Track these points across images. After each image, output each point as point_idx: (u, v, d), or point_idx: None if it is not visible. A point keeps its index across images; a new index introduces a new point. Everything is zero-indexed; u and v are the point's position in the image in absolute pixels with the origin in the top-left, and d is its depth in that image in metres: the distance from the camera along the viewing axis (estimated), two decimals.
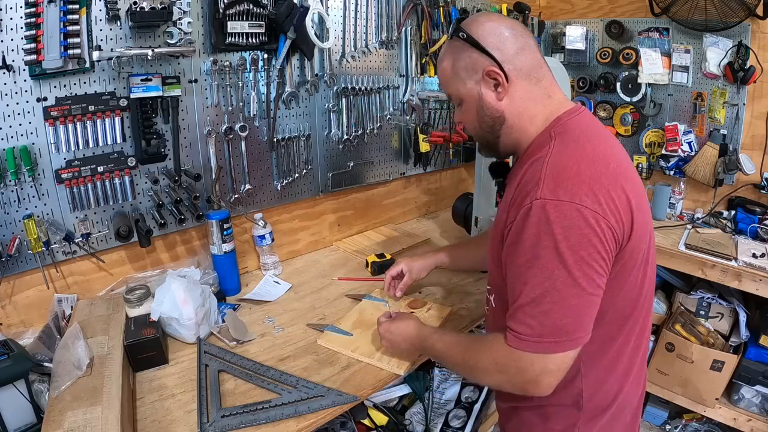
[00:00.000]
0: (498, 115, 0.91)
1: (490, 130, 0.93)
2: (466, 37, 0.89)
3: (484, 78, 0.89)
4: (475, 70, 0.90)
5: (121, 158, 1.30)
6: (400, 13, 1.88)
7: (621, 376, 0.92)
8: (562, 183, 0.77)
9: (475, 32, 0.89)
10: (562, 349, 0.77)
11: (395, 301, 1.43)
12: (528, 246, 0.77)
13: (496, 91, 0.89)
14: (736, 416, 1.92)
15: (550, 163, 0.80)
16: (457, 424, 1.73)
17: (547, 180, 0.78)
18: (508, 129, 0.92)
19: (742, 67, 1.99)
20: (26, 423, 0.96)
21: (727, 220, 2.07)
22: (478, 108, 0.92)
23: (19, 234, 1.18)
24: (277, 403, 1.02)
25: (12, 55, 1.10)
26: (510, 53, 0.87)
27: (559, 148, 0.83)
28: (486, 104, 0.90)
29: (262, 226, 1.61)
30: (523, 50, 0.88)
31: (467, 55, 0.90)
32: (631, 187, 0.81)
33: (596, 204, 0.75)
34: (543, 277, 0.76)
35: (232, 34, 1.41)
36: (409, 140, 2.10)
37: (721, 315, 2.01)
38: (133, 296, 1.22)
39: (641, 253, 0.84)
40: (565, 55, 2.51)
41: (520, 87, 0.89)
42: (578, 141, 0.84)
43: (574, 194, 0.75)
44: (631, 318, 0.89)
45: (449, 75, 0.94)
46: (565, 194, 0.75)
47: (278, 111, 1.61)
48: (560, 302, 0.76)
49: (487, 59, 0.88)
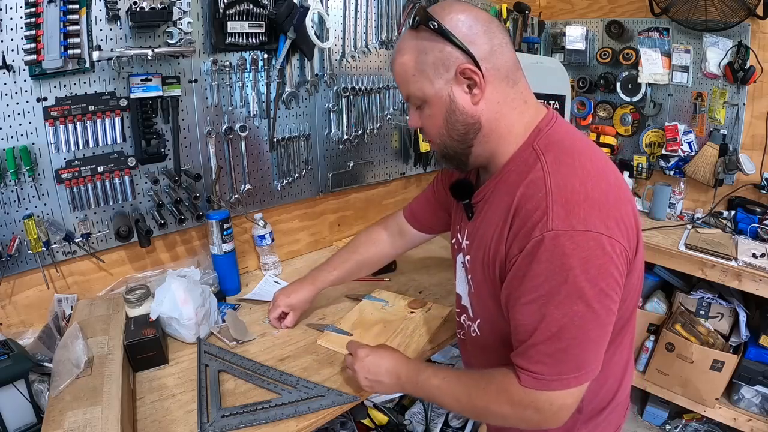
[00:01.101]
0: (473, 122, 0.79)
1: (461, 139, 0.81)
2: (437, 27, 0.75)
3: (457, 77, 0.77)
4: (446, 68, 0.77)
5: (121, 158, 1.30)
6: (400, 13, 1.88)
7: (619, 375, 0.92)
8: (573, 210, 0.69)
9: (448, 22, 0.76)
10: (580, 382, 0.74)
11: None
12: (542, 281, 0.70)
13: (471, 93, 0.78)
14: (736, 416, 1.92)
15: (554, 187, 0.71)
16: (457, 424, 1.74)
17: (556, 207, 0.70)
18: (482, 139, 0.81)
19: (742, 67, 1.99)
20: (26, 423, 0.96)
21: (727, 220, 2.07)
22: (447, 112, 0.79)
23: (19, 234, 1.18)
24: (277, 403, 1.02)
25: (12, 55, 1.10)
26: (487, 50, 0.76)
27: (556, 166, 0.74)
28: (458, 108, 0.78)
29: (262, 226, 1.61)
30: (501, 47, 0.77)
31: (437, 48, 0.76)
32: (629, 194, 0.78)
33: (609, 228, 0.70)
34: (561, 313, 0.70)
35: (232, 34, 1.41)
36: (409, 140, 2.10)
37: (721, 315, 2.01)
38: (133, 296, 1.22)
39: (641, 257, 0.81)
40: (565, 55, 2.51)
41: (498, 90, 0.78)
42: (572, 156, 0.76)
43: (588, 222, 0.69)
44: (630, 321, 0.88)
45: (411, 72, 0.80)
46: (579, 223, 0.68)
47: (278, 111, 1.61)
48: (580, 337, 0.71)
49: (462, 55, 0.75)
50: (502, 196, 0.79)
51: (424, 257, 1.81)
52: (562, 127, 0.81)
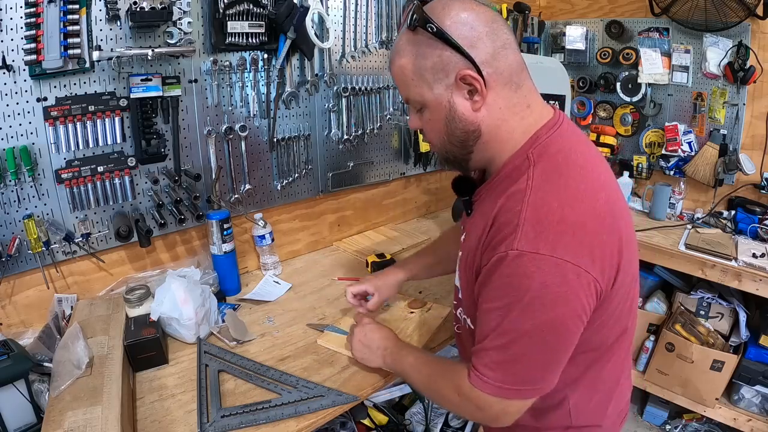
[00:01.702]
0: (473, 129, 0.77)
1: (461, 145, 0.79)
2: (435, 30, 0.71)
3: (457, 83, 0.73)
4: (445, 73, 0.73)
5: (121, 158, 1.30)
6: (400, 13, 1.88)
7: (608, 390, 0.90)
8: (542, 232, 0.67)
9: (447, 24, 0.71)
10: (522, 396, 0.76)
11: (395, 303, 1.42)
12: (500, 295, 0.71)
13: (472, 100, 0.74)
14: (736, 416, 1.92)
15: (531, 204, 0.70)
16: (457, 424, 1.74)
17: (526, 226, 0.68)
18: (482, 145, 0.78)
19: (742, 67, 1.99)
20: (26, 423, 0.96)
21: (727, 220, 2.07)
22: (447, 119, 0.77)
23: (19, 234, 1.18)
24: (277, 403, 1.02)
25: (12, 55, 1.10)
26: (489, 53, 0.72)
27: (540, 182, 0.72)
28: (458, 115, 0.76)
29: (262, 226, 1.61)
30: (504, 49, 0.73)
31: (436, 53, 0.73)
32: (620, 221, 0.75)
33: (580, 257, 0.67)
34: (512, 328, 0.71)
35: (232, 34, 1.41)
36: (409, 140, 2.10)
37: (721, 315, 2.01)
38: (133, 296, 1.22)
39: (627, 283, 0.78)
40: (565, 55, 2.51)
41: (500, 95, 0.75)
42: (561, 172, 0.73)
43: (556, 247, 0.66)
44: (618, 341, 0.84)
45: (409, 76, 0.77)
46: (545, 246, 0.66)
47: (278, 111, 1.61)
48: (527, 356, 0.72)
49: (463, 60, 0.72)
50: (490, 201, 0.79)
51: None
52: (564, 135, 0.78)
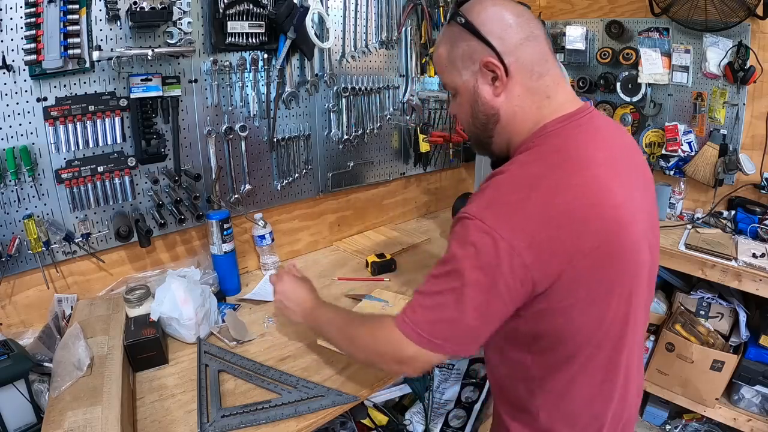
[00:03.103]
0: (493, 113, 0.84)
1: (483, 128, 0.87)
2: (464, 22, 0.80)
3: (481, 70, 0.81)
4: (472, 61, 0.82)
5: (121, 158, 1.30)
6: (400, 13, 1.88)
7: (580, 413, 0.86)
8: (493, 206, 0.74)
9: (476, 17, 0.80)
10: (434, 349, 0.78)
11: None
12: (448, 252, 0.77)
13: (494, 86, 0.82)
14: (736, 416, 1.92)
15: (498, 181, 0.77)
16: (457, 424, 1.73)
17: (484, 197, 0.76)
18: (501, 129, 0.85)
19: (742, 67, 1.99)
20: (26, 423, 0.96)
21: (727, 220, 2.07)
22: (472, 102, 0.85)
23: (19, 234, 1.18)
24: (277, 403, 1.02)
25: (12, 55, 1.11)
26: (512, 43, 0.79)
27: (518, 166, 0.78)
28: (481, 99, 0.83)
29: (262, 226, 1.61)
30: (527, 40, 0.80)
31: (465, 42, 0.82)
32: (611, 234, 0.74)
33: (513, 234, 0.70)
34: (445, 281, 0.77)
35: (232, 34, 1.41)
36: (409, 140, 2.10)
37: (721, 315, 2.01)
38: (133, 296, 1.22)
39: (599, 294, 0.76)
40: (565, 55, 2.51)
41: (520, 83, 0.81)
42: (545, 161, 0.77)
43: (498, 223, 0.71)
44: (590, 359, 0.81)
45: (445, 63, 0.86)
46: (489, 218, 0.72)
47: (278, 111, 1.61)
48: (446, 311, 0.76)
49: (486, 49, 0.79)
50: None
51: (424, 257, 1.81)
52: (579, 128, 0.81)
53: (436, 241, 2.00)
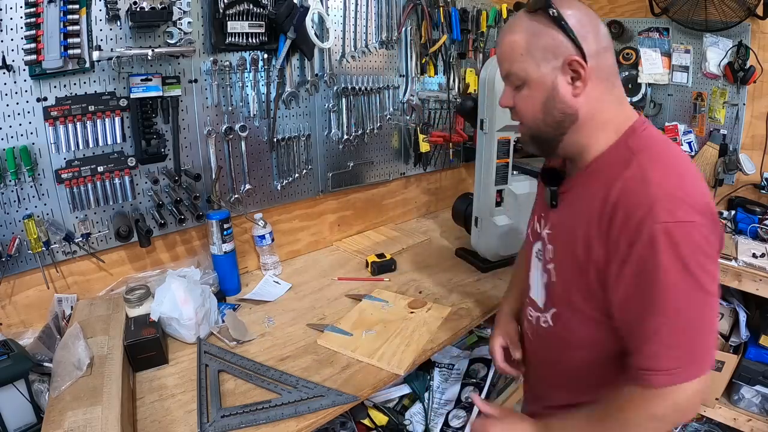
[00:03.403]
0: (571, 113, 0.81)
1: (556, 126, 0.83)
2: (556, 14, 0.77)
3: (563, 67, 0.79)
4: (555, 55, 0.79)
5: (121, 158, 1.30)
6: (400, 13, 1.88)
7: None
8: (678, 203, 0.72)
9: (566, 13, 0.78)
10: (711, 365, 0.75)
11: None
12: (660, 275, 0.71)
13: (573, 85, 0.80)
14: (736, 416, 1.92)
15: (655, 183, 0.74)
16: (457, 424, 1.73)
17: (661, 202, 0.72)
18: (576, 129, 0.83)
19: (742, 67, 1.99)
20: (26, 423, 0.96)
21: (727, 220, 2.07)
22: (547, 98, 0.81)
23: (19, 234, 1.18)
24: (277, 403, 1.02)
25: (12, 55, 1.10)
26: (594, 49, 0.79)
27: (652, 164, 0.77)
28: (560, 97, 0.80)
29: (262, 226, 1.61)
30: (605, 51, 0.81)
31: (550, 35, 0.79)
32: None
33: (708, 220, 0.73)
34: (684, 301, 0.72)
35: (232, 34, 1.41)
36: (409, 140, 2.10)
37: (721, 315, 2.00)
38: (133, 296, 1.22)
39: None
40: None
41: (597, 88, 0.80)
42: (668, 154, 0.79)
43: (691, 213, 0.72)
44: None
45: (520, 51, 0.81)
46: (684, 214, 0.71)
47: (278, 111, 1.61)
48: (703, 321, 0.74)
49: (573, 48, 0.78)
50: (595, 190, 0.80)
51: (424, 257, 1.82)
52: (654, 131, 0.84)
53: (435, 241, 2.00)
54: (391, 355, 1.18)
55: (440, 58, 2.08)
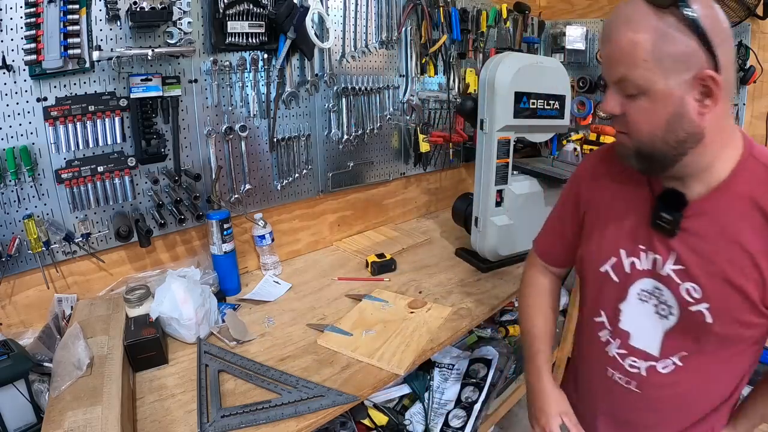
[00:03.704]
0: (697, 131, 0.71)
1: (677, 145, 0.72)
2: (692, 17, 0.64)
3: (693, 81, 0.67)
4: (687, 67, 0.67)
5: (121, 158, 1.30)
6: (400, 13, 1.89)
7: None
8: None
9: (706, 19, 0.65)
10: None
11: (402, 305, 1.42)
12: None
13: (702, 103, 0.69)
14: None
15: None
16: (457, 424, 1.73)
17: None
18: (701, 149, 0.73)
19: (742, 67, 1.99)
20: (26, 423, 0.96)
21: None
22: (673, 115, 0.70)
23: (19, 234, 1.18)
24: (277, 403, 1.02)
25: (12, 55, 1.10)
26: (726, 59, 0.68)
27: None
28: (687, 116, 0.70)
29: (262, 226, 1.61)
30: (732, 63, 0.70)
31: (685, 42, 0.65)
32: None
33: None
34: None
35: (232, 34, 1.41)
36: (409, 140, 2.10)
37: None
38: (133, 296, 1.22)
39: None
40: (565, 55, 2.51)
41: (722, 104, 0.70)
42: None
43: None
44: None
45: (643, 56, 0.68)
46: None
47: (278, 111, 1.61)
48: None
49: (708, 60, 0.66)
50: (735, 208, 0.75)
51: (424, 257, 1.82)
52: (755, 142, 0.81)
53: (436, 241, 2.00)
54: (391, 355, 1.18)
55: (440, 58, 2.08)
